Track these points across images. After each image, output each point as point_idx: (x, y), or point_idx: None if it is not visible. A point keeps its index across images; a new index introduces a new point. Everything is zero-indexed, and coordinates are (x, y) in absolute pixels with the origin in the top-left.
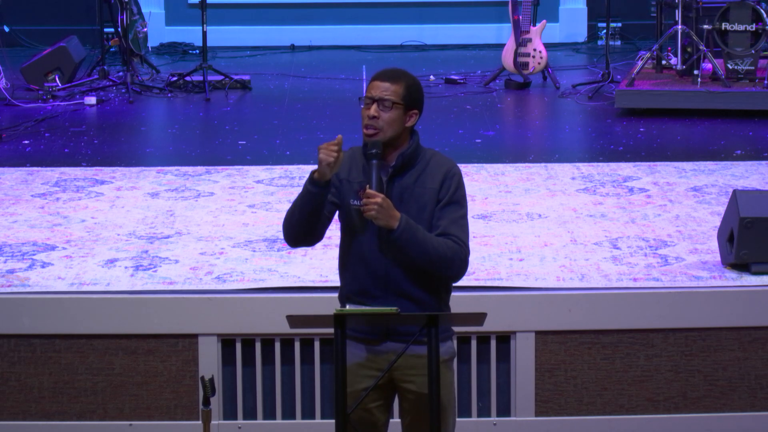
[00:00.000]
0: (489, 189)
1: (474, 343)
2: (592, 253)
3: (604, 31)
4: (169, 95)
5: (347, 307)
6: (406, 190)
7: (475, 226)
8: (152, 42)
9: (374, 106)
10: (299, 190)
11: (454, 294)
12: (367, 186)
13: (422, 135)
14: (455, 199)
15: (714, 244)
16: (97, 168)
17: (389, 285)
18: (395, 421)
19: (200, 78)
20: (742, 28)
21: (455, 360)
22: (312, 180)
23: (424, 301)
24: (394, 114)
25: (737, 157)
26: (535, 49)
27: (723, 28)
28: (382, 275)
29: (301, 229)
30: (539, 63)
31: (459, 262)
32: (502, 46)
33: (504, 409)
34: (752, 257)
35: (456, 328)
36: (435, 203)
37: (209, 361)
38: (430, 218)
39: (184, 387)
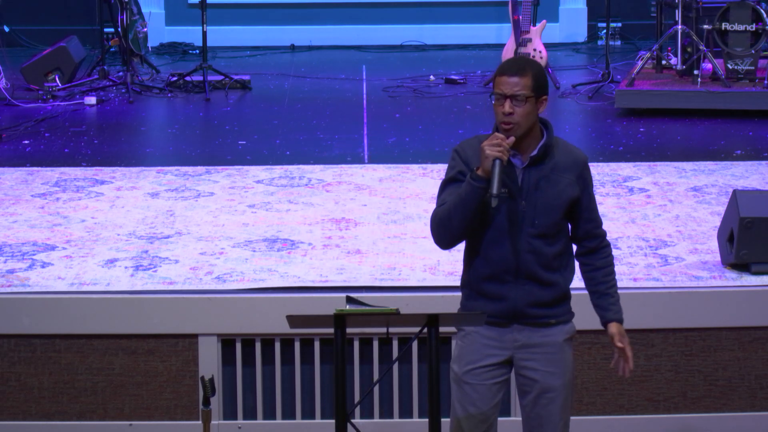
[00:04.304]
0: None
1: None
2: None
3: (604, 31)
4: (169, 95)
5: (346, 306)
6: (543, 177)
7: None
8: (152, 42)
9: (508, 103)
10: (299, 189)
11: (453, 294)
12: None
13: (422, 135)
14: (592, 189)
15: (714, 244)
16: (97, 168)
17: (520, 270)
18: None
19: (200, 78)
20: (742, 28)
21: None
22: (476, 177)
23: (553, 283)
24: (528, 107)
25: (737, 157)
26: (535, 49)
27: (723, 28)
28: (513, 260)
29: (465, 227)
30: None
31: (611, 250)
32: (502, 46)
33: (504, 409)
34: (752, 257)
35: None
36: (572, 192)
37: (209, 361)
38: (564, 204)
39: (184, 387)
